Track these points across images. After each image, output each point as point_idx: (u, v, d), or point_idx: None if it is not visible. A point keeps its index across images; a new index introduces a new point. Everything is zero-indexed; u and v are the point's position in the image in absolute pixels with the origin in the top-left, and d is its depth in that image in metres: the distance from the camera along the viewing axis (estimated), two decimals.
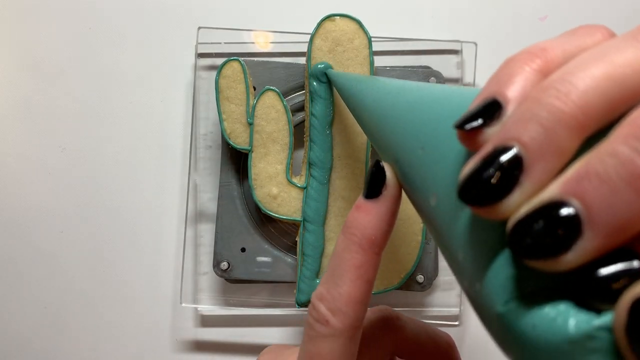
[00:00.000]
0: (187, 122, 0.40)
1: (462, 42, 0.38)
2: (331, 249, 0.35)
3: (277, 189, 0.35)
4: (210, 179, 0.39)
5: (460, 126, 0.13)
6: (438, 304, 0.38)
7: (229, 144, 0.35)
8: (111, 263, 0.40)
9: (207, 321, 0.40)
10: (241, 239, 0.37)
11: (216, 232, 0.37)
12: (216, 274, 0.37)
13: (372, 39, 0.34)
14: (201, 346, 0.40)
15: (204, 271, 0.39)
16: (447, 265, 0.22)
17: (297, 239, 0.35)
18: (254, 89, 0.36)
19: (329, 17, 0.34)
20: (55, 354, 0.40)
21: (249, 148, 0.35)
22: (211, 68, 0.38)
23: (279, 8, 0.40)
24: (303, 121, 0.37)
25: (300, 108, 0.37)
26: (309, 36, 0.34)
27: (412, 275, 0.36)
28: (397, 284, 0.35)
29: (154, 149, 0.40)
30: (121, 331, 0.40)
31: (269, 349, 0.27)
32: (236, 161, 0.37)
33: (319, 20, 0.34)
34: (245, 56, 0.38)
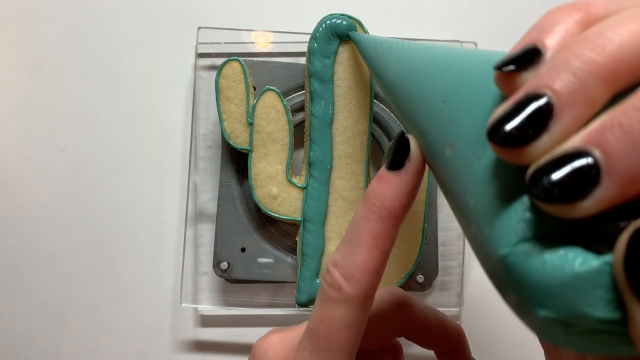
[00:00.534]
0: (187, 122, 0.40)
1: (462, 42, 0.38)
2: (331, 249, 0.35)
3: (277, 189, 0.35)
4: (210, 179, 0.39)
5: (499, 67, 0.14)
6: (438, 304, 0.38)
7: (229, 144, 0.35)
8: (111, 263, 0.40)
9: (207, 321, 0.40)
10: (241, 239, 0.37)
11: (216, 232, 0.37)
12: (216, 274, 0.37)
13: None
14: (201, 346, 0.40)
15: (204, 271, 0.39)
16: (446, 266, 0.22)
17: (297, 239, 0.35)
18: (254, 89, 0.36)
19: (330, 17, 0.34)
20: (55, 354, 0.40)
21: (249, 148, 0.35)
22: (211, 68, 0.38)
23: (279, 8, 0.40)
24: (303, 121, 0.37)
25: (300, 108, 0.37)
26: (308, 36, 0.34)
27: (412, 275, 0.36)
28: (397, 284, 0.35)
29: (154, 149, 0.40)
30: (121, 331, 0.40)
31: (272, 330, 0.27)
32: (236, 161, 0.37)
33: (319, 20, 0.34)
34: (245, 56, 0.38)
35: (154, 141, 0.40)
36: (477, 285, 0.40)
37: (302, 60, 0.37)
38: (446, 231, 0.39)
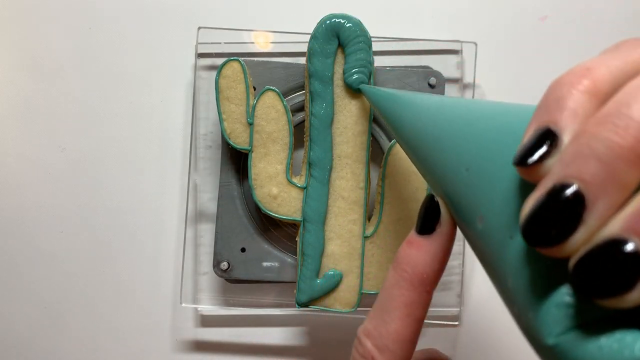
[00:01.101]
0: (187, 122, 0.40)
1: (462, 42, 0.38)
2: (331, 248, 0.35)
3: (277, 189, 0.35)
4: (210, 179, 0.39)
5: (521, 163, 0.13)
6: (438, 304, 0.38)
7: (229, 144, 0.35)
8: (111, 263, 0.40)
9: (207, 321, 0.40)
10: (241, 239, 0.37)
11: (216, 232, 0.37)
12: (216, 274, 0.37)
13: (372, 39, 0.34)
14: (201, 346, 0.40)
15: (204, 271, 0.39)
16: (446, 266, 0.22)
17: (297, 239, 0.35)
18: (254, 89, 0.36)
19: (330, 17, 0.34)
20: (55, 354, 0.40)
21: (249, 148, 0.35)
22: (211, 68, 0.38)
23: (279, 8, 0.40)
24: (303, 121, 0.37)
25: (300, 108, 0.37)
26: (309, 36, 0.34)
27: None
28: None
29: (154, 149, 0.40)
30: (121, 331, 0.40)
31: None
32: (236, 161, 0.37)
33: (319, 20, 0.34)
34: (245, 56, 0.38)
35: (154, 141, 0.40)
36: (477, 285, 0.40)
37: (302, 60, 0.37)
38: None
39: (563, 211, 0.12)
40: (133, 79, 0.40)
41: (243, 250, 0.37)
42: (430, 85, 0.37)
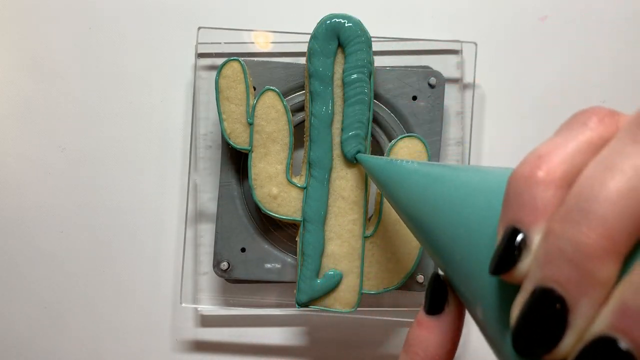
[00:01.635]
0: (187, 122, 0.40)
1: (462, 42, 0.38)
2: (331, 248, 0.35)
3: (277, 189, 0.35)
4: (210, 179, 0.39)
5: (496, 272, 0.13)
6: None
7: (229, 144, 0.35)
8: (111, 263, 0.40)
9: (207, 321, 0.40)
10: (241, 239, 0.37)
11: (216, 232, 0.37)
12: (216, 274, 0.37)
13: (372, 39, 0.34)
14: (201, 346, 0.40)
15: (204, 271, 0.39)
16: None
17: (297, 239, 0.35)
18: (254, 89, 0.36)
19: (330, 17, 0.34)
20: (55, 354, 0.40)
21: (249, 148, 0.35)
22: (211, 68, 0.38)
23: (279, 8, 0.40)
24: (303, 121, 0.37)
25: (300, 108, 0.37)
26: (309, 36, 0.34)
27: (412, 275, 0.36)
28: (397, 284, 0.35)
29: (154, 149, 0.40)
30: (121, 331, 0.40)
31: None
32: (236, 161, 0.37)
33: (319, 20, 0.34)
34: (245, 56, 0.38)
35: (154, 141, 0.40)
36: None
37: (302, 60, 0.37)
38: None
39: (548, 318, 0.12)
40: (133, 79, 0.40)
41: (243, 250, 0.37)
42: (430, 85, 0.37)
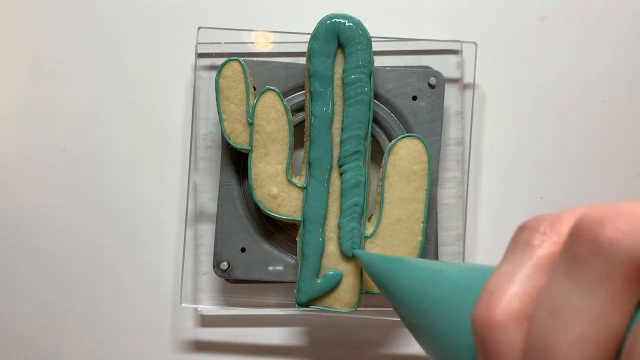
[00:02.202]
0: (187, 122, 0.40)
1: (462, 42, 0.38)
2: (331, 248, 0.35)
3: (277, 189, 0.35)
4: (210, 179, 0.39)
5: None
6: None
7: (229, 144, 0.35)
8: (111, 263, 0.40)
9: (207, 321, 0.40)
10: (241, 239, 0.37)
11: (216, 232, 0.37)
12: (216, 274, 0.37)
13: (372, 39, 0.34)
14: (201, 346, 0.40)
15: (204, 271, 0.39)
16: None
17: (297, 239, 0.35)
18: (254, 89, 0.36)
19: (330, 17, 0.34)
20: (55, 354, 0.40)
21: (249, 148, 0.35)
22: (211, 68, 0.38)
23: (279, 8, 0.40)
24: (303, 121, 0.37)
25: (300, 108, 0.37)
26: (309, 36, 0.34)
27: None
28: None
29: (154, 149, 0.40)
30: (121, 331, 0.40)
31: None
32: (236, 161, 0.37)
33: (319, 20, 0.34)
34: (245, 56, 0.38)
35: (154, 141, 0.40)
36: None
37: (302, 60, 0.37)
38: (446, 231, 0.39)
39: None
40: (133, 79, 0.40)
41: (243, 250, 0.37)
42: (430, 85, 0.37)
